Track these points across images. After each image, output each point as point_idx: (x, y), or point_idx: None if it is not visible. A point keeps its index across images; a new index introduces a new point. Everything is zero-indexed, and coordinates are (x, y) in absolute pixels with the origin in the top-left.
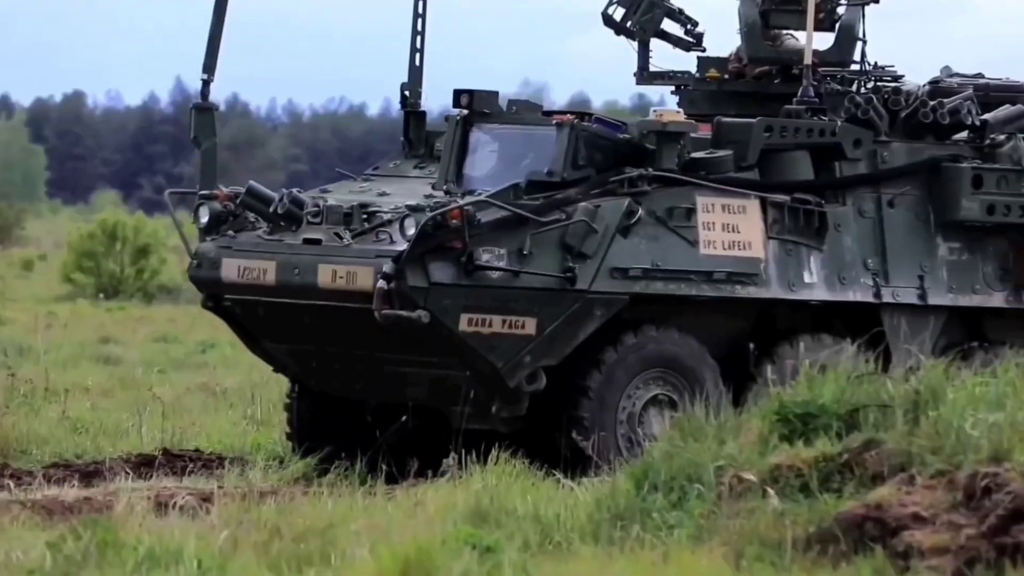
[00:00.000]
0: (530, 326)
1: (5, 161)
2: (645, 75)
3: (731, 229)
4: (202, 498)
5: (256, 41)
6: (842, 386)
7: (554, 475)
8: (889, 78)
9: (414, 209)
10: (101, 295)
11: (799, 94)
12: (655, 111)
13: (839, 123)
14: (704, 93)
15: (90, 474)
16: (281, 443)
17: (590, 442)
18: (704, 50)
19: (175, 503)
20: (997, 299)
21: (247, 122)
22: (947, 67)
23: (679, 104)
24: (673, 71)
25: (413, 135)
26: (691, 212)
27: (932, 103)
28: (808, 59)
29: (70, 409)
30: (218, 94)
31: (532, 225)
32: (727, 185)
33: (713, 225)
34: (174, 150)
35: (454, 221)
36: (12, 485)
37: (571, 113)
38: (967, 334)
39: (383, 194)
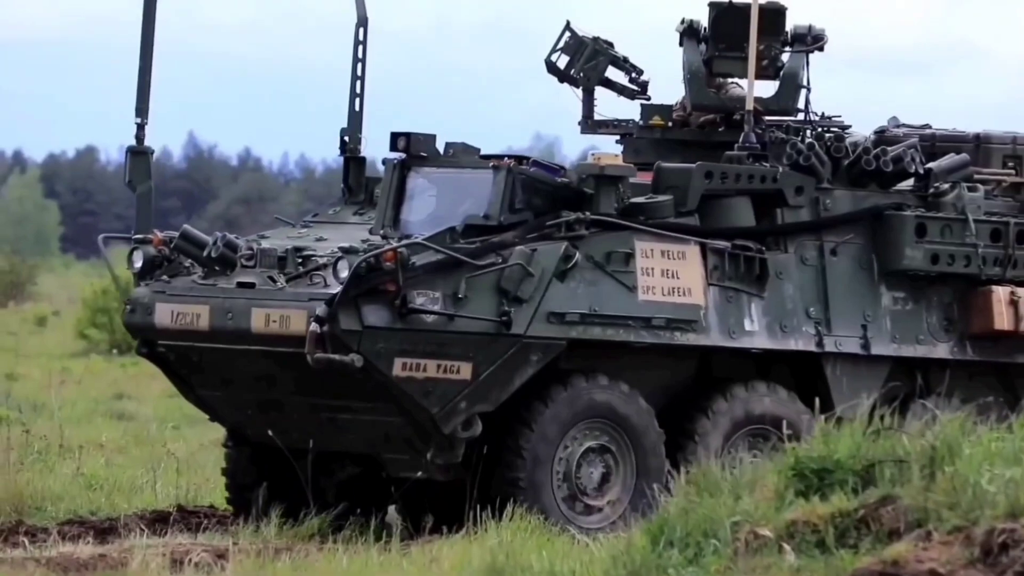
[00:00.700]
0: (465, 371)
1: (19, 216)
2: (590, 123)
3: (670, 275)
4: (217, 554)
5: (269, 96)
6: (858, 441)
7: (568, 531)
8: (836, 128)
9: (347, 251)
10: (115, 351)
11: (740, 140)
12: (593, 154)
13: (781, 169)
14: (648, 141)
15: (105, 531)
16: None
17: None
18: (649, 98)
19: (190, 559)
20: (941, 350)
21: (259, 176)
22: (894, 117)
23: (624, 152)
24: (617, 119)
25: (353, 181)
26: (630, 257)
27: (875, 151)
28: (749, 105)
29: (84, 466)
30: (230, 149)
31: (467, 268)
32: (666, 230)
33: (652, 271)
34: (187, 205)
35: (388, 263)
36: (27, 542)
37: (509, 157)
38: (911, 385)
39: (320, 239)
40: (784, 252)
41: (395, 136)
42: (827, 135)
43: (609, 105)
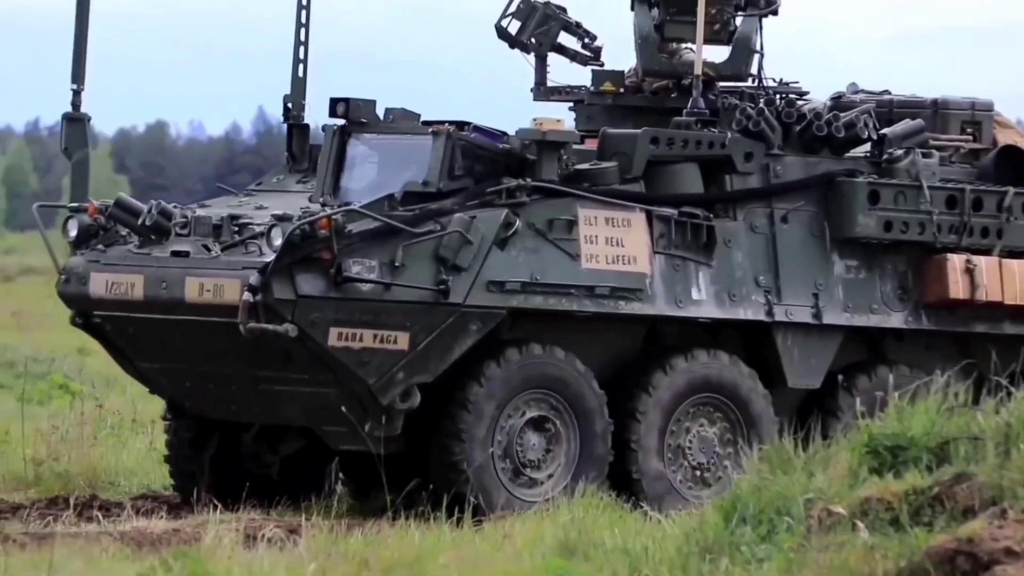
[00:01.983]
0: (402, 341)
1: (92, 191)
2: (542, 90)
3: (615, 243)
4: (289, 530)
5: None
6: (932, 418)
7: (641, 507)
8: (794, 94)
9: (281, 219)
10: None
11: (689, 105)
12: (535, 120)
13: (729, 135)
14: (601, 108)
15: (178, 505)
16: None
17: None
18: (602, 64)
19: (263, 535)
20: (896, 319)
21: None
22: (853, 83)
23: (576, 120)
24: (570, 86)
25: (296, 149)
26: (572, 224)
27: (827, 116)
28: (698, 69)
29: (157, 440)
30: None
31: (405, 236)
32: (611, 197)
33: (596, 238)
34: (257, 179)
35: (322, 231)
36: (101, 516)
37: (449, 122)
38: (867, 355)
39: (260, 208)
40: (733, 220)
41: (334, 102)
42: (778, 100)
43: (563, 72)
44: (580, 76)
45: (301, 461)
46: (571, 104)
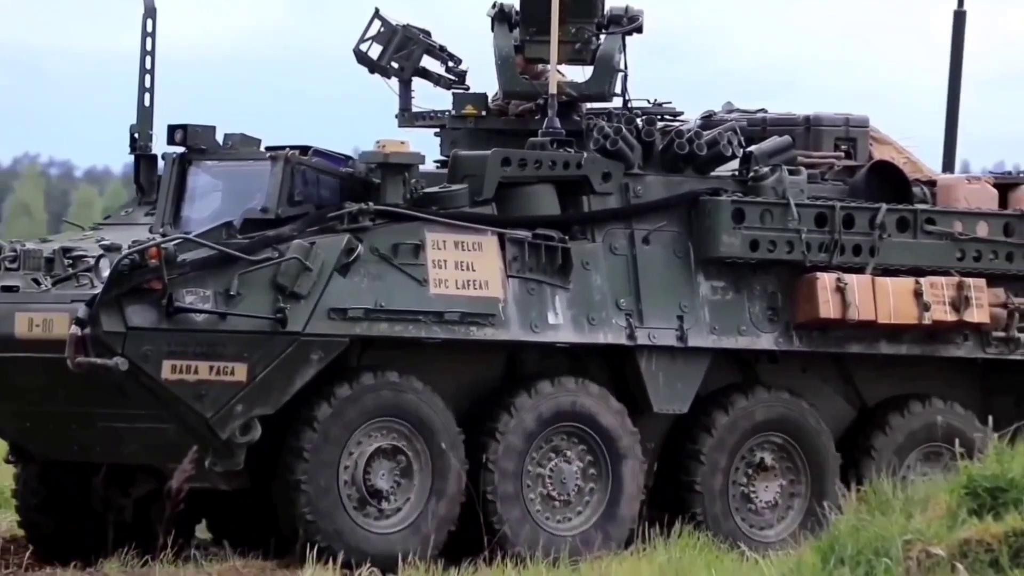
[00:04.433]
0: (240, 372)
1: None
2: (407, 116)
3: (465, 267)
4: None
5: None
6: None
7: (738, 547)
8: (668, 114)
9: (109, 249)
10: None
11: (544, 125)
12: (378, 142)
13: (585, 155)
14: (464, 132)
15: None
16: None
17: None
18: (468, 88)
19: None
20: (766, 341)
21: None
22: (728, 102)
23: (441, 145)
24: (434, 111)
25: (144, 180)
26: (419, 249)
27: (689, 134)
28: (553, 88)
29: None
30: None
31: (241, 264)
32: (460, 220)
33: (444, 263)
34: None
35: (152, 261)
36: None
37: (290, 147)
38: (741, 379)
39: (102, 241)
40: (591, 241)
41: (172, 129)
42: (638, 119)
43: (431, 96)
44: (446, 101)
45: (156, 502)
46: (436, 130)
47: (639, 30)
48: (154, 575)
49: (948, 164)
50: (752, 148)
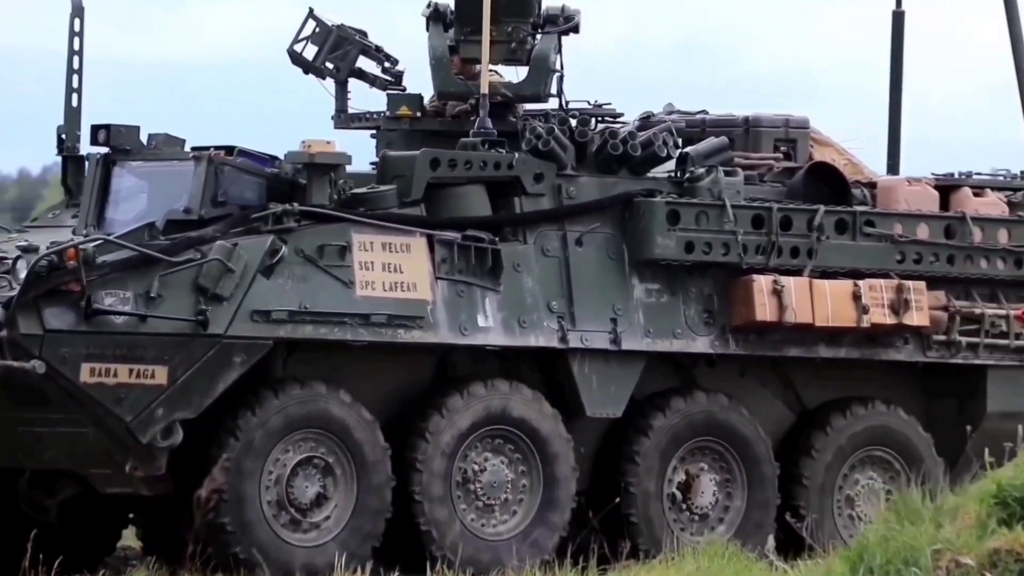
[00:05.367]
0: (160, 375)
1: None
2: (343, 117)
3: (393, 269)
4: None
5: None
6: None
7: (767, 557)
8: (608, 115)
9: (27, 251)
10: None
11: (476, 125)
12: (304, 142)
13: (517, 156)
14: (399, 134)
15: None
16: None
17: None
18: (404, 89)
19: None
20: (702, 344)
21: None
22: (670, 104)
23: (376, 147)
24: (370, 112)
25: (72, 182)
26: (345, 250)
27: (622, 135)
28: (484, 88)
29: None
30: None
31: (162, 266)
32: (387, 221)
33: (371, 264)
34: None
35: (70, 262)
36: None
37: (215, 147)
38: (678, 383)
39: (24, 243)
40: (523, 243)
41: (95, 129)
42: (572, 120)
43: (368, 98)
44: (384, 102)
45: (86, 506)
46: (373, 131)
47: (575, 30)
48: None
49: (893, 166)
50: (688, 149)
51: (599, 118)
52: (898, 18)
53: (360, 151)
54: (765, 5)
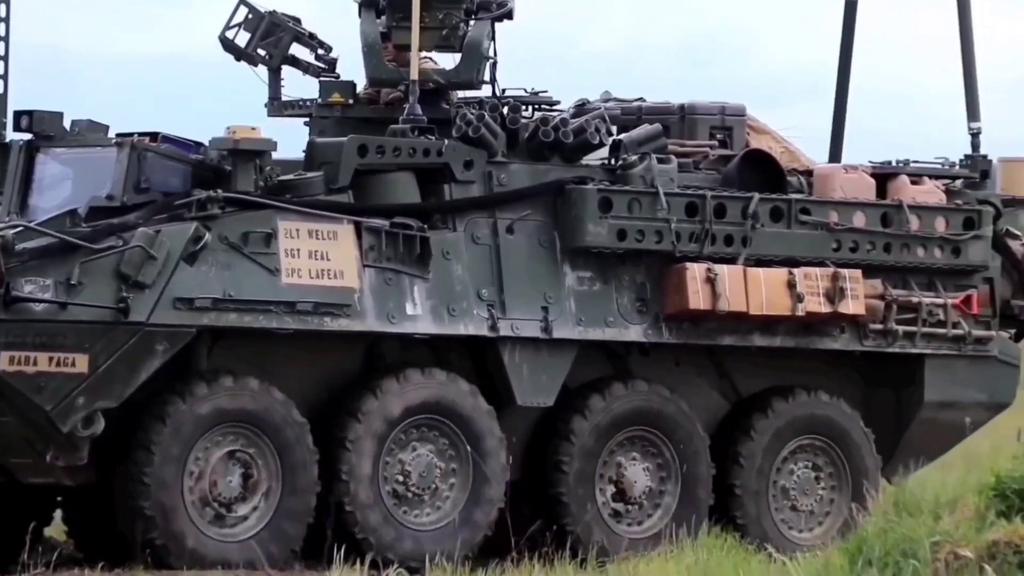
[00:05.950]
0: (81, 363)
1: None
2: (276, 105)
3: (319, 256)
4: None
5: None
6: None
7: (765, 548)
8: (545, 103)
9: None
10: None
11: (405, 112)
12: (229, 128)
13: (447, 143)
14: (332, 121)
15: None
16: None
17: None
18: (338, 76)
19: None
20: (634, 332)
21: None
22: (607, 92)
23: (310, 134)
24: (303, 100)
25: None
26: (271, 238)
27: (554, 122)
28: (414, 74)
29: None
30: None
31: (83, 253)
32: (314, 208)
33: (297, 252)
34: None
35: None
36: None
37: (139, 134)
38: (613, 371)
39: None
40: (452, 231)
41: (18, 115)
42: (503, 107)
43: (301, 85)
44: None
45: (15, 496)
46: (306, 119)
47: (509, 16)
48: None
49: (835, 155)
50: (622, 136)
51: (535, 106)
52: (850, 9)
53: (295, 139)
54: (770, 3)
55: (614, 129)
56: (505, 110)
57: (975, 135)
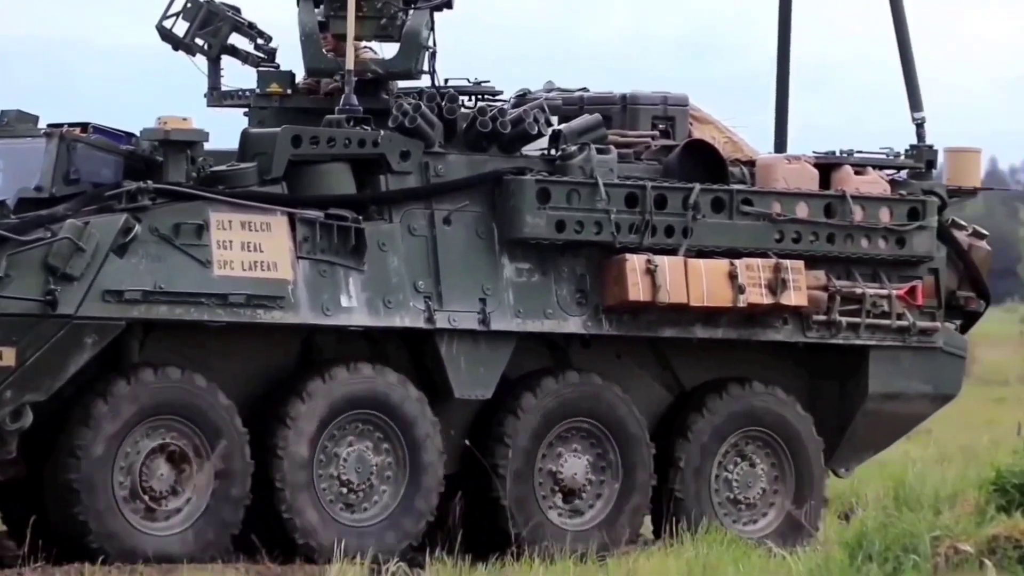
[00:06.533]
0: (8, 356)
1: None
2: (215, 95)
3: (252, 248)
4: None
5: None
6: None
7: (766, 543)
8: (487, 93)
9: None
10: None
11: (341, 102)
12: (160, 119)
13: (382, 133)
14: (271, 111)
15: None
16: None
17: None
18: (277, 66)
19: (387, 569)
20: (574, 324)
21: None
22: (550, 81)
23: (249, 125)
24: (242, 90)
25: None
26: (202, 229)
27: (492, 112)
28: (349, 64)
29: None
30: None
31: (11, 245)
32: (247, 199)
33: (230, 243)
34: None
35: None
36: None
37: (69, 124)
38: (554, 364)
39: None
40: (388, 222)
41: None
42: (439, 97)
43: (240, 75)
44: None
45: None
46: (246, 109)
47: (448, 5)
48: None
49: (780, 146)
50: (561, 127)
51: (477, 96)
52: (785, 1)
53: (235, 129)
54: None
55: (554, 119)
56: (441, 100)
57: (919, 125)
